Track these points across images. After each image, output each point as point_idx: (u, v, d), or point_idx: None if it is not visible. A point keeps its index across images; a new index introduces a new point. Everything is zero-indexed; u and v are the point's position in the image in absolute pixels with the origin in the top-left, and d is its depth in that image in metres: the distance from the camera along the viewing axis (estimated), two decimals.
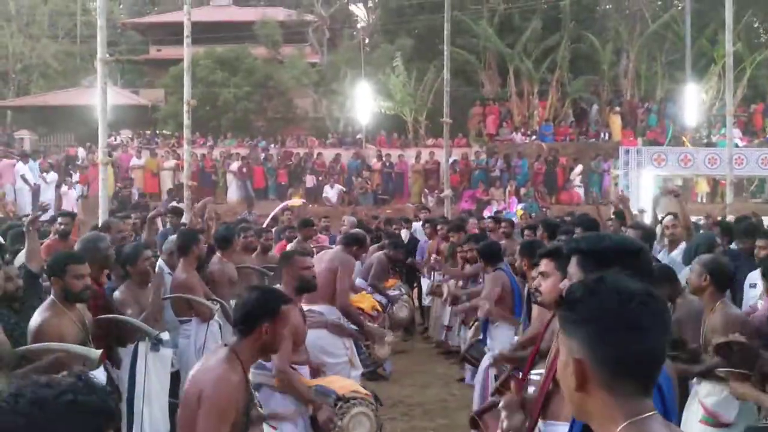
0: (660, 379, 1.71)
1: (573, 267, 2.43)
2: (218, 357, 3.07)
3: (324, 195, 21.05)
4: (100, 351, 3.90)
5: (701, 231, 8.16)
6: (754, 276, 5.29)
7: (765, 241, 5.40)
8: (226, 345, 3.18)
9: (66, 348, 3.98)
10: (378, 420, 4.63)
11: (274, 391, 4.57)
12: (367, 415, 4.54)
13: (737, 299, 5.06)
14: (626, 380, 1.54)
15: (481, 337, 6.37)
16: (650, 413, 1.54)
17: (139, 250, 5.44)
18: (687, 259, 6.21)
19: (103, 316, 4.88)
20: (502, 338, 6.05)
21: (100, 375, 4.60)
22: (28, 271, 5.21)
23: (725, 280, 4.27)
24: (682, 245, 6.81)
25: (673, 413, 2.21)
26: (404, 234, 11.40)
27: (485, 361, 5.94)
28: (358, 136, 24.14)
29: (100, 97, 8.68)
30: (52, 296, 4.36)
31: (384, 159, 22.09)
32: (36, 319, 4.21)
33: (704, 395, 4.17)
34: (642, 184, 17.04)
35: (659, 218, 7.94)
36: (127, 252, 5.51)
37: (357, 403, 4.52)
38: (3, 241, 6.66)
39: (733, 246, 6.96)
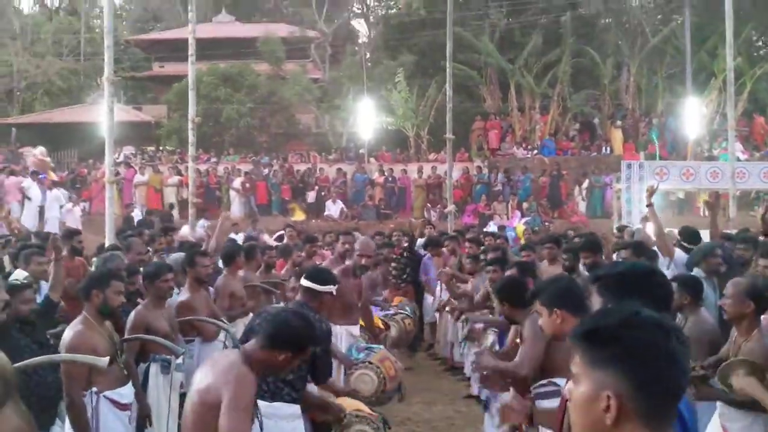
0: (680, 406, 1.74)
1: (594, 296, 2.48)
2: (231, 359, 3.07)
3: (326, 212, 21.08)
4: (107, 359, 3.97)
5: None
6: None
7: (766, 261, 5.42)
8: (235, 348, 3.14)
9: (74, 359, 4.04)
10: None
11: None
12: None
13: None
14: (662, 412, 1.56)
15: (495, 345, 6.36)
16: None
17: (162, 270, 5.32)
18: (689, 266, 6.29)
19: (135, 335, 4.95)
20: None
21: (128, 391, 4.63)
22: (48, 298, 5.26)
23: (765, 304, 4.05)
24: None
25: None
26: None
27: None
28: (360, 152, 24.23)
29: (107, 116, 8.67)
30: (84, 313, 4.41)
31: (386, 174, 22.17)
32: (69, 333, 4.29)
33: (727, 419, 4.06)
34: (644, 199, 17.02)
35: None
36: (149, 270, 5.44)
37: (357, 421, 4.50)
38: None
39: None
